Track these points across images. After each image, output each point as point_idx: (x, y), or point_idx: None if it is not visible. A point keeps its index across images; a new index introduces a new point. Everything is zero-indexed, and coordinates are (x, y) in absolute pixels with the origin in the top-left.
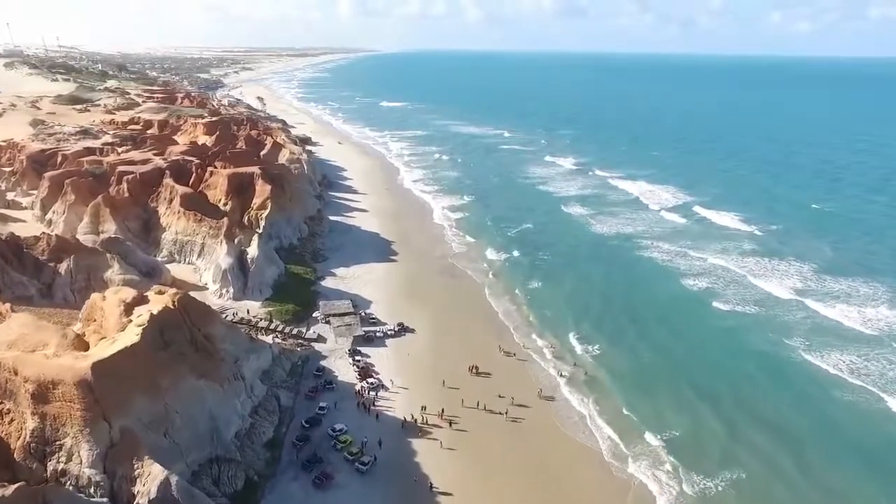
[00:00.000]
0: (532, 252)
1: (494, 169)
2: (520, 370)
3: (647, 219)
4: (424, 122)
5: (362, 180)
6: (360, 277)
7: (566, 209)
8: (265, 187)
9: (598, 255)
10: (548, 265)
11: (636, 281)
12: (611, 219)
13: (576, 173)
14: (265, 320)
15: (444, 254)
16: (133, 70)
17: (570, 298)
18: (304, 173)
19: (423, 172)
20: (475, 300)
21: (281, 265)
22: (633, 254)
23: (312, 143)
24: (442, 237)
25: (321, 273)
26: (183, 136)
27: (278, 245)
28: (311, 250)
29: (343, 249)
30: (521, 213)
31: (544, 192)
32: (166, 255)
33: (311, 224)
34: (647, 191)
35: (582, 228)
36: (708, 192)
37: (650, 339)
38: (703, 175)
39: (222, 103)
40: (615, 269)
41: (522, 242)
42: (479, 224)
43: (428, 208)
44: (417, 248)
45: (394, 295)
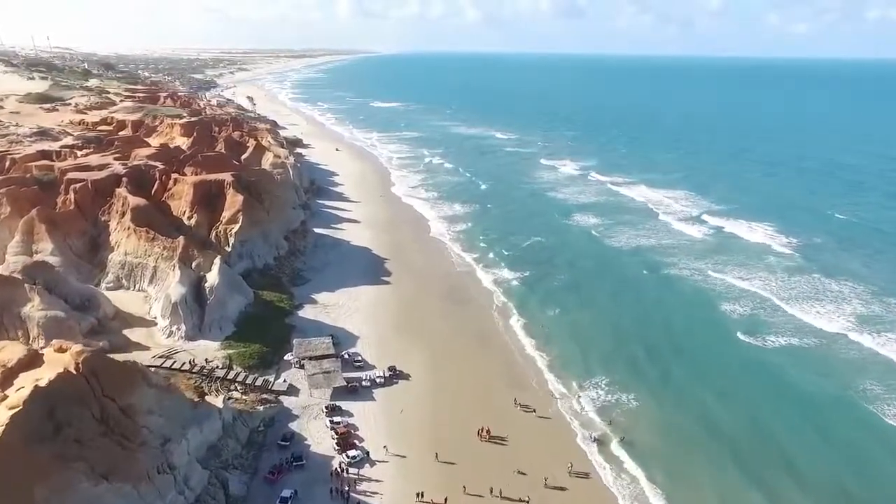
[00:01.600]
0: (545, 271)
1: (495, 173)
2: (543, 433)
3: (660, 230)
4: (422, 123)
5: (355, 186)
6: (346, 305)
7: (574, 219)
8: (237, 197)
9: (616, 275)
10: (564, 287)
11: (660, 308)
12: (623, 231)
13: (579, 178)
14: (223, 367)
15: (444, 273)
16: (123, 70)
17: (594, 331)
18: (288, 180)
19: (419, 177)
20: (483, 334)
21: (249, 293)
22: (653, 273)
23: (303, 145)
24: (441, 253)
25: (299, 300)
26: (158, 138)
27: (250, 266)
28: (289, 271)
29: (328, 269)
30: (526, 223)
31: (549, 199)
32: (112, 281)
33: (293, 239)
34: (655, 197)
35: (594, 242)
36: (718, 198)
37: (689, 386)
38: (710, 179)
39: (210, 103)
40: (636, 292)
41: (533, 259)
42: (483, 237)
43: (425, 218)
44: (414, 266)
45: (385, 328)
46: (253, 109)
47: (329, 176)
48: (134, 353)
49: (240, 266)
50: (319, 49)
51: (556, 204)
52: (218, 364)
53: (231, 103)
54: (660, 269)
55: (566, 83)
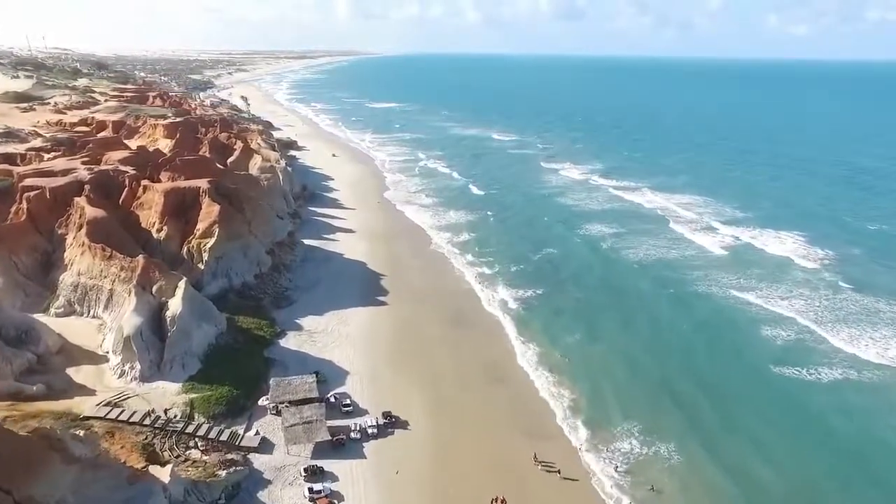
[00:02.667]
0: (557, 289)
1: (496, 177)
2: (571, 502)
3: (674, 241)
4: (421, 124)
5: (350, 192)
6: (336, 331)
7: (582, 229)
8: (212, 207)
9: (633, 295)
10: (579, 309)
11: (686, 335)
12: (634, 242)
13: (582, 182)
14: (182, 417)
15: (446, 292)
16: (119, 70)
17: (616, 362)
18: (276, 186)
19: (419, 182)
20: (493, 367)
21: (220, 321)
22: (672, 293)
23: (298, 147)
24: (443, 268)
25: (282, 325)
26: (140, 140)
27: (226, 286)
28: (272, 291)
29: (317, 288)
30: (532, 233)
31: (554, 206)
32: (63, 306)
33: (279, 252)
34: (663, 203)
35: (605, 256)
36: (729, 204)
37: (728, 436)
38: (717, 182)
39: (203, 104)
40: (657, 315)
41: (542, 275)
42: (487, 249)
43: (425, 227)
44: (413, 284)
45: (380, 360)
46: (247, 110)
47: (323, 180)
48: (76, 398)
49: (214, 286)
50: (319, 50)
51: (562, 211)
52: (176, 413)
53: (225, 104)
54: (679, 287)
55: (566, 84)
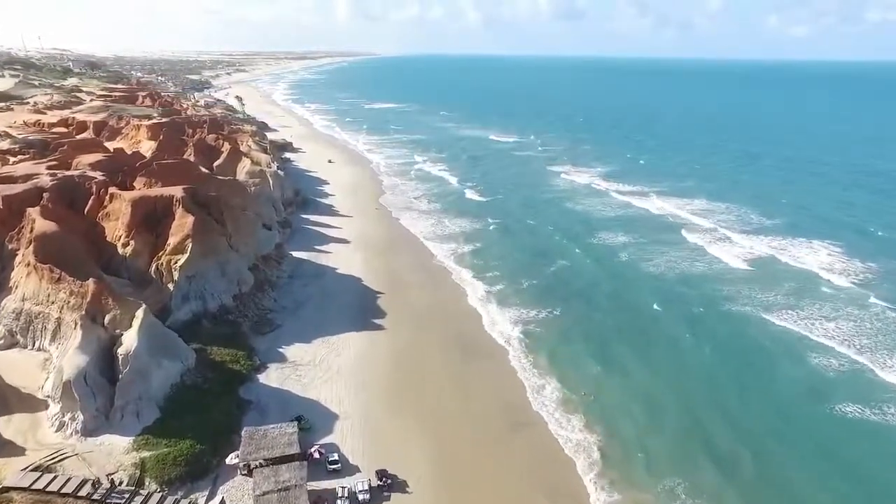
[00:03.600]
0: (573, 309)
1: (501, 181)
2: None
3: (690, 254)
4: (421, 125)
5: (346, 197)
6: (325, 363)
7: (596, 239)
8: (186, 219)
9: (656, 317)
10: (600, 333)
11: (720, 365)
12: (652, 254)
13: (591, 187)
14: (129, 483)
15: (451, 314)
16: (114, 69)
17: (648, 399)
18: (265, 192)
19: (419, 186)
20: (508, 409)
21: (188, 355)
22: (698, 314)
23: (293, 149)
24: (446, 285)
25: (263, 356)
26: (122, 141)
27: (200, 309)
28: (254, 314)
29: (305, 309)
30: (541, 243)
31: (563, 213)
32: (4, 336)
33: (264, 268)
34: (674, 210)
35: (623, 270)
36: (743, 211)
37: (783, 488)
38: (727, 187)
39: (197, 104)
40: (684, 340)
41: (556, 292)
42: (494, 262)
43: (426, 237)
44: (413, 303)
45: (375, 401)
46: (242, 110)
47: (318, 185)
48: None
49: (184, 311)
50: (320, 51)
51: (568, 219)
52: (122, 479)
53: (220, 104)
54: (702, 307)
55: (567, 84)
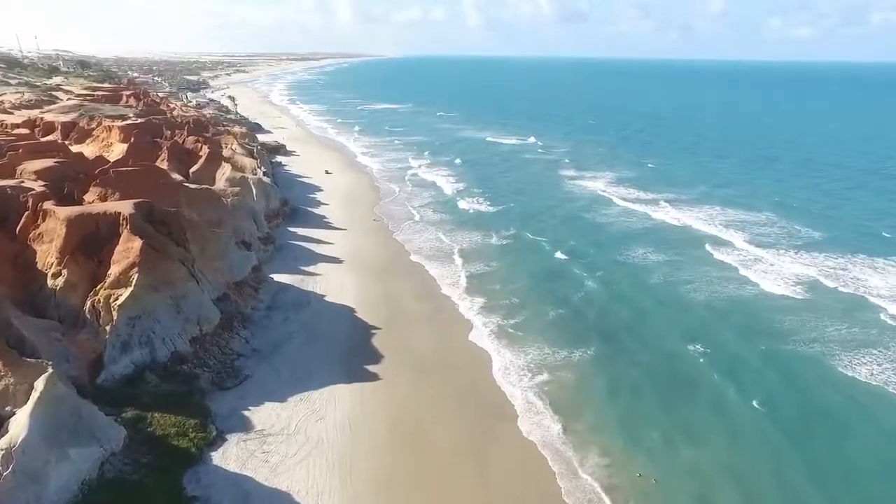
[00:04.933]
0: (604, 353)
1: (510, 188)
2: None
3: (731, 276)
4: (422, 126)
5: (341, 207)
6: (302, 432)
7: (619, 258)
8: (132, 243)
9: (706, 362)
10: (640, 388)
11: (790, 436)
12: (684, 276)
13: (605, 194)
14: None
15: (459, 357)
16: (104, 69)
17: (726, 486)
18: (245, 203)
19: (421, 195)
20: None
21: (111, 436)
22: (750, 356)
23: (286, 152)
24: (452, 316)
25: (222, 423)
26: (93, 144)
27: (145, 360)
28: (216, 362)
29: (283, 352)
30: (561, 264)
31: (581, 226)
32: None
33: (235, 298)
34: (692, 222)
35: (655, 298)
36: (775, 223)
37: None
38: (752, 197)
39: (189, 104)
40: (749, 389)
41: (581, 328)
42: (507, 287)
43: (431, 257)
44: (415, 343)
45: (364, 495)
46: (234, 111)
47: (310, 192)
48: None
49: (122, 364)
50: (321, 53)
51: (581, 234)
52: None
53: (213, 104)
54: (746, 347)
55: (571, 86)
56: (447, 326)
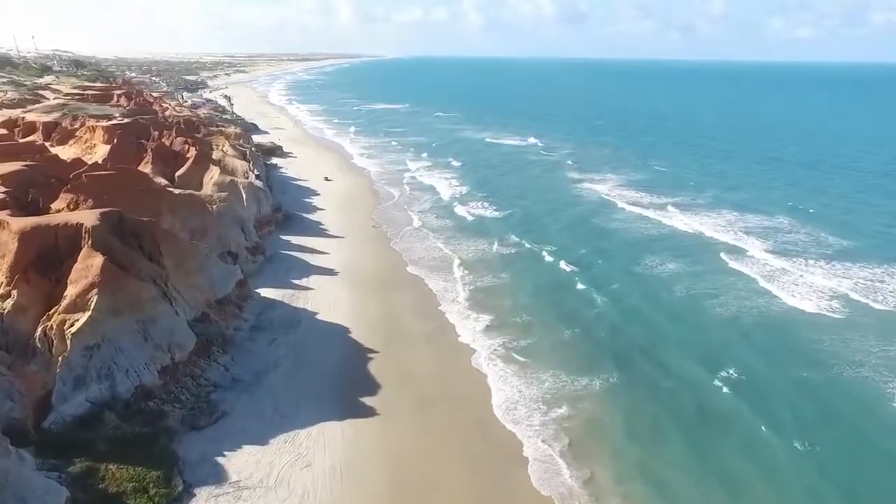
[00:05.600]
0: (622, 384)
1: (517, 192)
2: None
3: (752, 290)
4: (424, 127)
5: (338, 212)
6: (284, 486)
7: (630, 270)
8: (92, 260)
9: (735, 395)
10: (667, 431)
11: (842, 490)
12: (702, 290)
13: (611, 198)
14: None
15: (465, 388)
16: (101, 68)
17: None
18: (232, 210)
19: (423, 199)
20: None
21: (51, 497)
22: (783, 388)
23: (282, 153)
24: (457, 343)
25: (190, 472)
26: (76, 145)
27: (103, 396)
28: (189, 395)
29: (266, 382)
30: (571, 277)
31: (592, 233)
32: None
33: (216, 318)
34: (703, 229)
35: (670, 316)
36: (793, 231)
37: None
38: (763, 201)
39: (184, 104)
40: (777, 434)
41: (594, 352)
42: (513, 303)
43: (432, 265)
44: (416, 369)
45: None
46: (230, 111)
47: (306, 196)
48: None
49: (75, 403)
50: (322, 53)
51: (589, 241)
52: None
53: (210, 104)
54: (779, 377)
55: (574, 86)
56: (449, 350)
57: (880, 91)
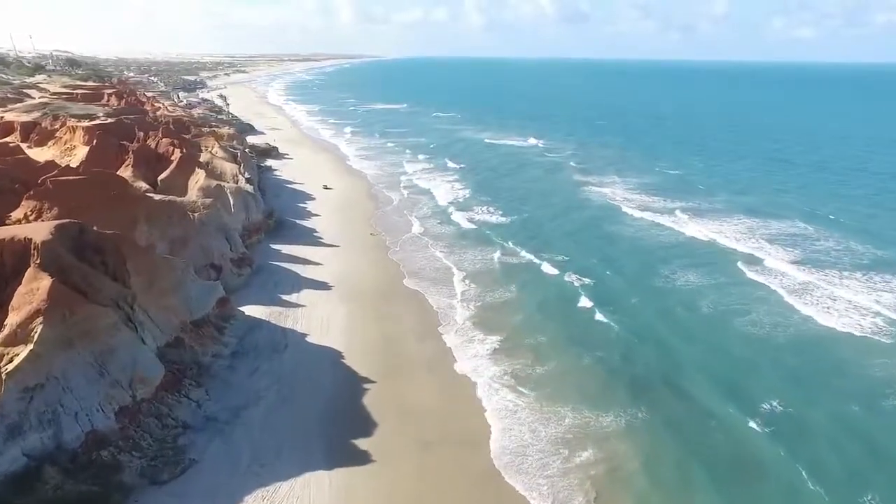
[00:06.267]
0: (657, 428)
1: (521, 195)
2: None
3: (775, 306)
4: (424, 128)
5: (334, 217)
6: None
7: (657, 283)
8: (38, 282)
9: (769, 440)
10: (719, 489)
11: None
12: (722, 307)
13: (616, 202)
14: None
15: (471, 431)
16: (97, 68)
17: None
18: (216, 218)
19: (423, 202)
20: None
21: None
22: (824, 429)
23: (278, 155)
24: (461, 371)
25: None
26: (55, 146)
27: (45, 447)
28: (152, 440)
29: (244, 421)
30: (582, 292)
31: (601, 241)
32: None
33: (191, 342)
34: (729, 240)
35: (721, 343)
36: (813, 242)
37: None
38: (775, 206)
39: (178, 104)
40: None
41: (620, 386)
42: (520, 325)
43: (434, 278)
44: (416, 404)
45: None
46: (226, 111)
47: (300, 201)
48: None
49: (8, 457)
50: (323, 54)
51: (598, 251)
52: None
53: (205, 104)
54: (819, 417)
55: (576, 86)
56: (452, 379)
57: (882, 91)
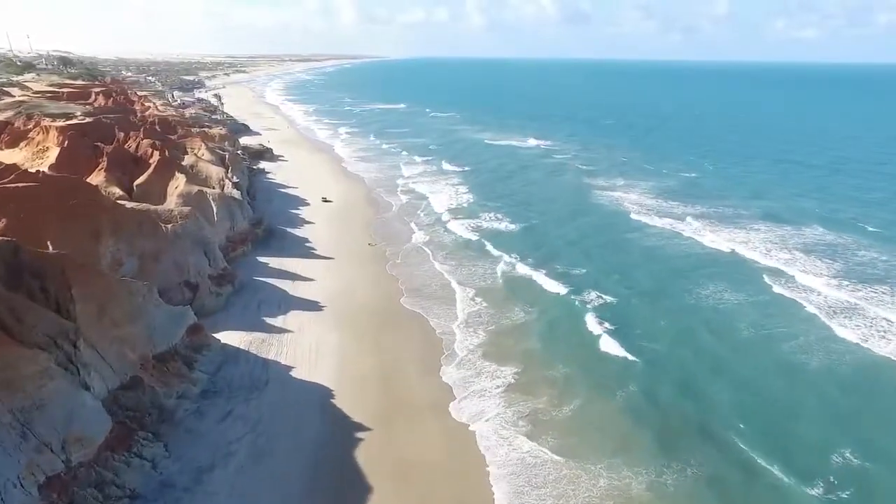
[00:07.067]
0: (702, 495)
1: (531, 200)
2: None
3: (814, 332)
4: (425, 128)
5: (329, 226)
6: None
7: (680, 303)
8: None
9: None
10: None
11: None
12: (755, 334)
13: (636, 210)
14: None
15: (488, 499)
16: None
17: None
18: (193, 229)
19: (425, 210)
20: None
21: None
22: None
23: (273, 157)
24: (469, 416)
25: None
26: (27, 148)
27: None
28: None
29: (213, 481)
30: (598, 312)
31: (614, 252)
32: None
33: (151, 381)
34: (749, 250)
35: (771, 382)
36: (837, 253)
37: None
38: (793, 207)
39: (171, 104)
40: None
41: (651, 436)
42: (533, 355)
43: (437, 295)
44: (416, 462)
45: None
46: (220, 110)
47: (294, 206)
48: None
49: None
50: (325, 54)
51: (617, 262)
52: None
53: (200, 103)
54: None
55: (579, 87)
56: (459, 425)
57: (886, 92)
